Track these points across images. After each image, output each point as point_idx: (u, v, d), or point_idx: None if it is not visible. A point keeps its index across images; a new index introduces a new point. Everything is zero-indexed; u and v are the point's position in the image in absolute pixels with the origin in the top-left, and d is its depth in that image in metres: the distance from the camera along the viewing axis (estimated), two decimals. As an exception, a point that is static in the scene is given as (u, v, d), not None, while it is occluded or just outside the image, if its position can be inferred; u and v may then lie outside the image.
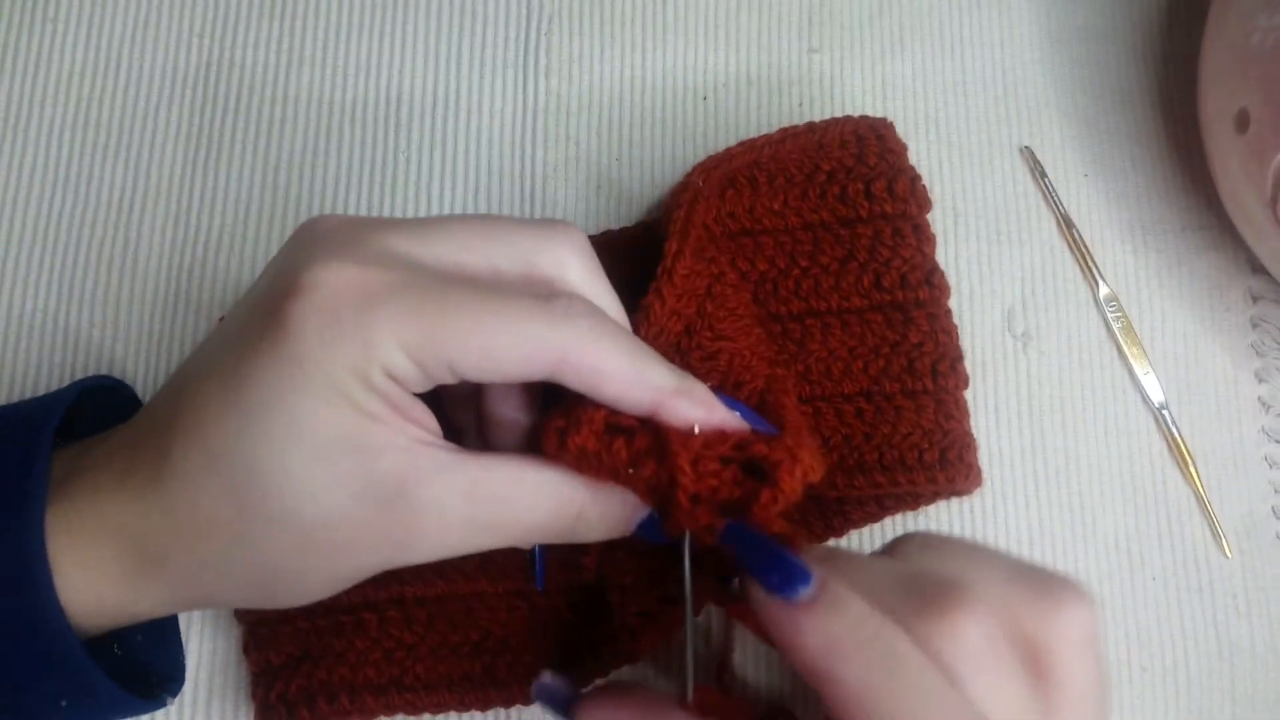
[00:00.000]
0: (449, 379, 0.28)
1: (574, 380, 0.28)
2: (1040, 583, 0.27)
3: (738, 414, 0.29)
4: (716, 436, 0.28)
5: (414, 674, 0.36)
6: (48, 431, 0.30)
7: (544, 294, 0.28)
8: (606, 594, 0.36)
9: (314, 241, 0.28)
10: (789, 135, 0.39)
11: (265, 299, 0.27)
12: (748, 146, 0.39)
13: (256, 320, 0.27)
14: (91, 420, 0.34)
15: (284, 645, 0.36)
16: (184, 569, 0.29)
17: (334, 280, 0.26)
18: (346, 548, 0.28)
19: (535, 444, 0.29)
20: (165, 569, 0.29)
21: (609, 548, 0.35)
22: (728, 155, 0.38)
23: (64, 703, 0.29)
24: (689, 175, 0.37)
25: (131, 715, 0.31)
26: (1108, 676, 0.27)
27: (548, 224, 0.30)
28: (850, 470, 0.36)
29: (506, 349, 0.27)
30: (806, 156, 0.39)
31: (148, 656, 0.35)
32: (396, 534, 0.28)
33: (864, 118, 0.40)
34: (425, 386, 0.28)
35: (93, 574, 0.29)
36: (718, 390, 0.30)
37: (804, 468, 0.28)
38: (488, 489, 0.28)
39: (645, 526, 0.30)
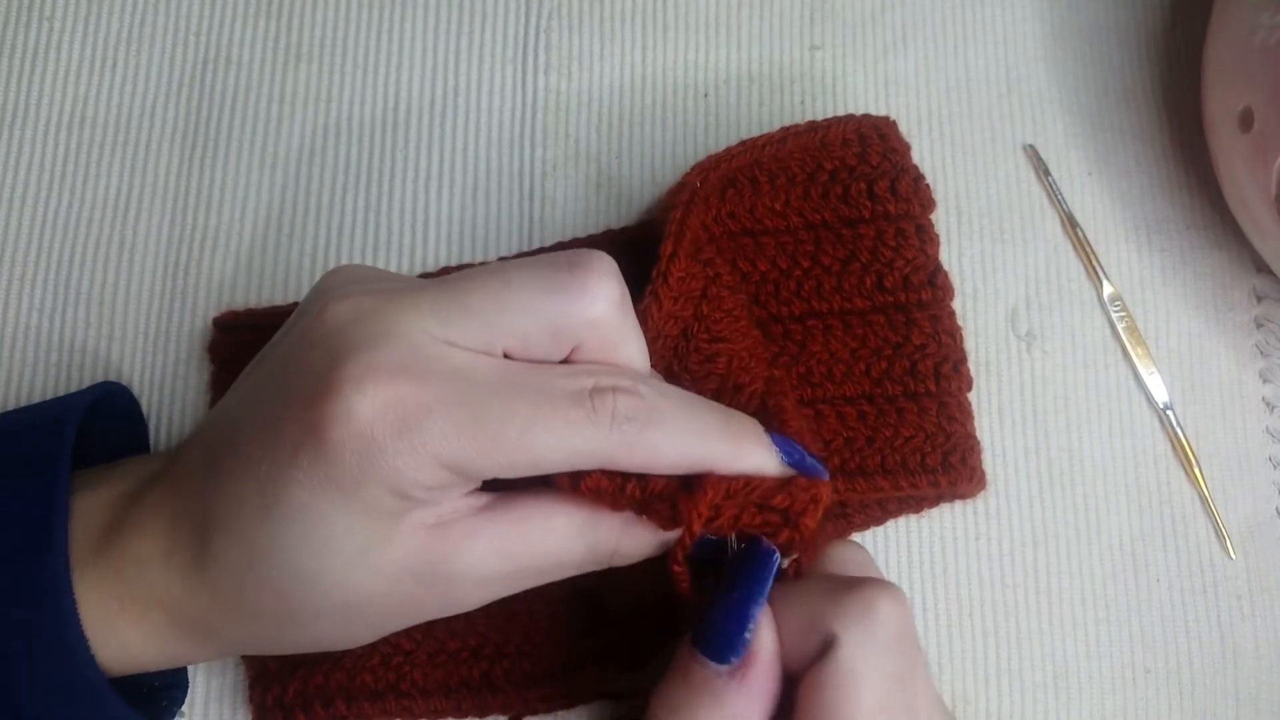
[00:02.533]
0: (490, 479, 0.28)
1: (626, 469, 0.28)
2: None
3: (778, 454, 0.30)
4: (740, 485, 0.28)
5: (411, 680, 0.35)
6: (64, 462, 0.30)
7: (587, 388, 0.28)
8: (604, 601, 0.36)
9: (345, 329, 0.27)
10: (790, 134, 0.39)
11: (300, 397, 0.27)
12: (748, 146, 0.38)
13: (291, 422, 0.27)
14: (95, 420, 0.34)
15: None
16: (236, 639, 0.31)
17: (369, 405, 0.26)
18: (392, 617, 0.30)
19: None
20: (217, 638, 0.31)
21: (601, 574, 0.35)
22: (728, 155, 0.38)
23: None
24: (687, 175, 0.37)
25: None
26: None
27: (570, 279, 0.28)
28: (852, 473, 0.36)
29: (554, 463, 0.27)
30: (808, 156, 0.38)
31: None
32: (439, 600, 0.30)
33: (866, 116, 0.39)
34: (468, 489, 0.29)
35: (147, 635, 0.30)
36: (770, 431, 0.30)
37: (824, 505, 0.29)
38: (522, 545, 0.29)
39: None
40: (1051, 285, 0.42)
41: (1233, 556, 0.40)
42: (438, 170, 0.42)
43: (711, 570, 0.30)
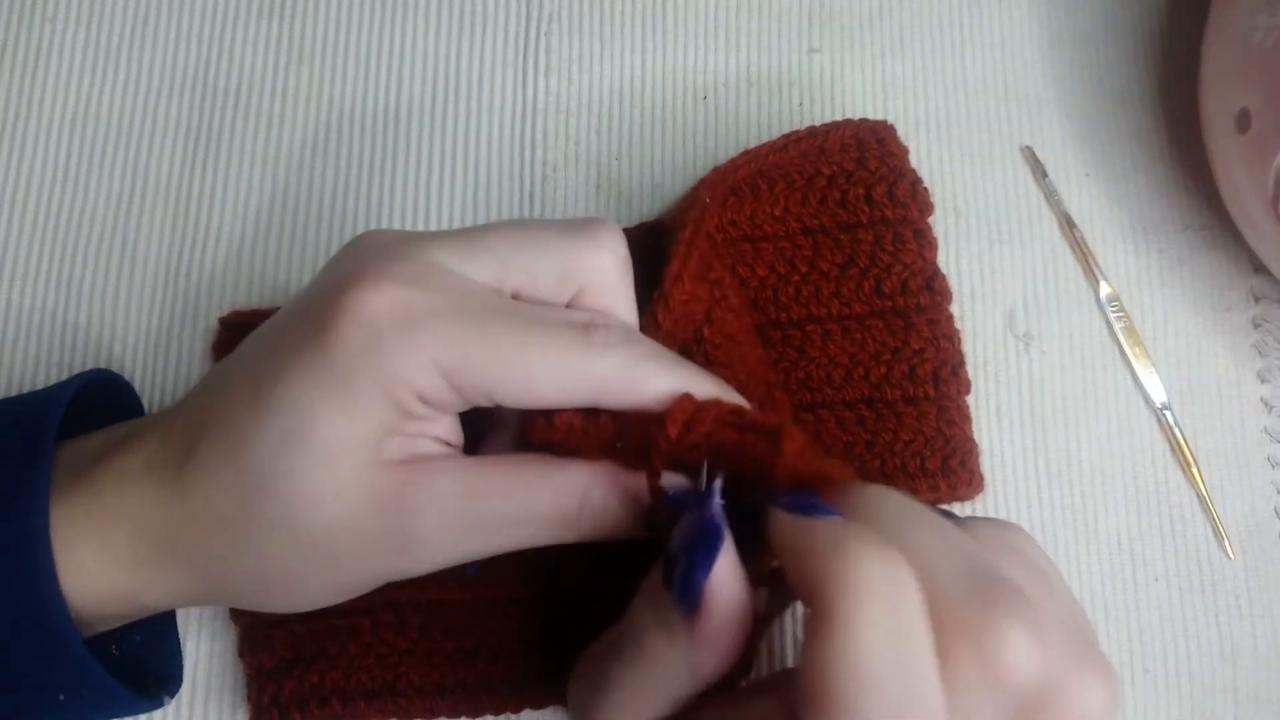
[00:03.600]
0: (484, 404, 0.28)
1: (613, 405, 0.28)
2: (1089, 655, 0.24)
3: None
4: (713, 402, 0.28)
5: (407, 680, 0.35)
6: (52, 422, 0.30)
7: (581, 321, 0.29)
8: (596, 603, 0.36)
9: (362, 255, 0.29)
10: (792, 141, 0.39)
11: (311, 307, 0.28)
12: (752, 156, 0.38)
13: (300, 326, 0.28)
14: (94, 415, 0.34)
15: (278, 648, 0.36)
16: (191, 561, 0.29)
17: (378, 299, 0.27)
18: (347, 556, 0.29)
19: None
20: (173, 559, 0.29)
21: (600, 558, 0.34)
22: (733, 167, 0.38)
23: (61, 696, 0.29)
24: (698, 190, 0.37)
25: (130, 713, 0.31)
26: None
27: (584, 228, 0.31)
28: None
29: (546, 382, 0.28)
30: (807, 161, 0.39)
31: (146, 656, 0.35)
32: (396, 540, 0.28)
33: (864, 121, 0.39)
34: (459, 409, 0.29)
35: (104, 558, 0.29)
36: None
37: (797, 447, 0.27)
38: (484, 480, 0.29)
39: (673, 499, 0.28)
40: (1049, 286, 0.42)
41: (1231, 556, 0.40)
42: (438, 171, 0.42)
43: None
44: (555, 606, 0.36)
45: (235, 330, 0.39)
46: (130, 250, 0.41)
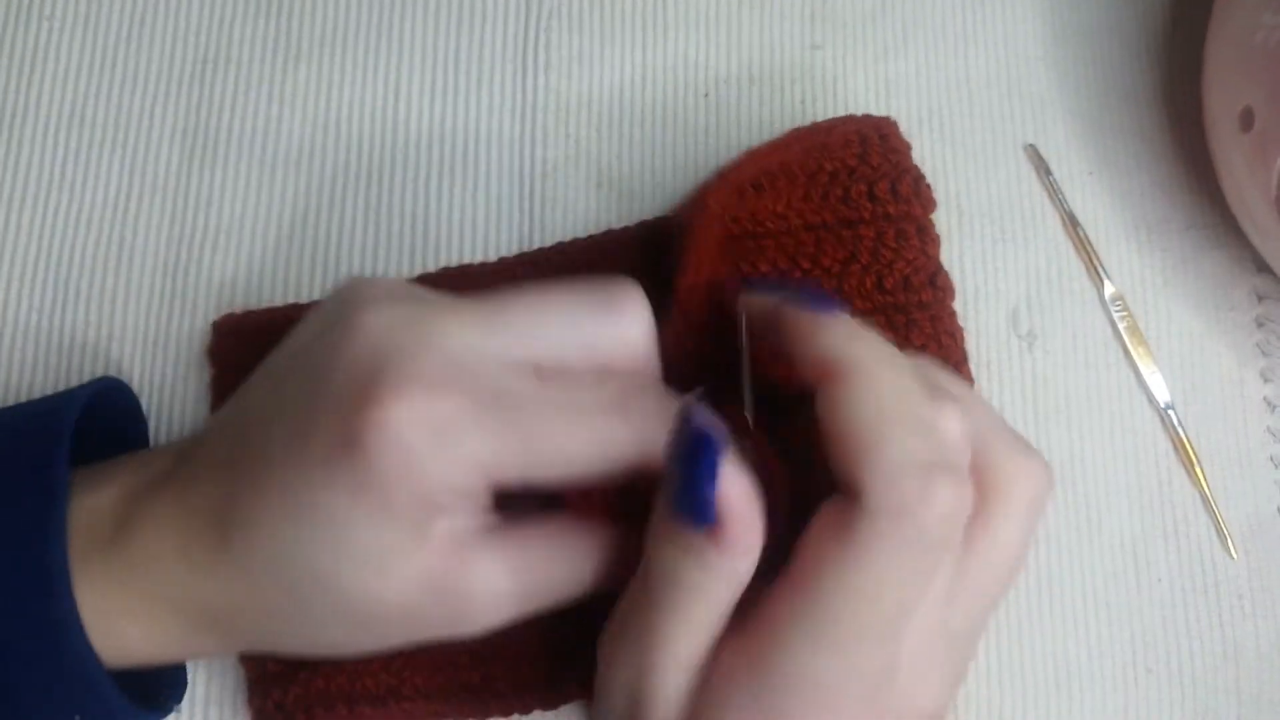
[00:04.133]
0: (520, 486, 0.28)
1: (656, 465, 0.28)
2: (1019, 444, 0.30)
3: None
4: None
5: (412, 684, 0.35)
6: (63, 446, 0.30)
7: (617, 401, 0.28)
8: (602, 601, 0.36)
9: (384, 337, 0.28)
10: (795, 139, 0.38)
11: (336, 403, 0.27)
12: (753, 156, 0.38)
13: (325, 434, 0.27)
14: (96, 421, 0.34)
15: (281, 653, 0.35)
16: (243, 634, 0.31)
17: (407, 413, 0.26)
18: (401, 631, 0.30)
19: None
20: (224, 634, 0.31)
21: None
22: (737, 167, 0.38)
23: (76, 717, 0.30)
24: (703, 193, 0.37)
25: None
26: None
27: (608, 300, 0.30)
28: None
29: (583, 458, 0.28)
30: (809, 157, 0.38)
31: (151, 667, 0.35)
32: (451, 616, 0.29)
33: (867, 117, 0.39)
34: (486, 498, 0.29)
35: (152, 633, 0.30)
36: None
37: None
38: (532, 561, 0.30)
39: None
40: (1052, 285, 0.42)
41: (1234, 556, 0.40)
42: (438, 169, 0.42)
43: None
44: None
45: (229, 334, 0.39)
46: (127, 251, 0.41)
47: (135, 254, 0.41)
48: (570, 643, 0.36)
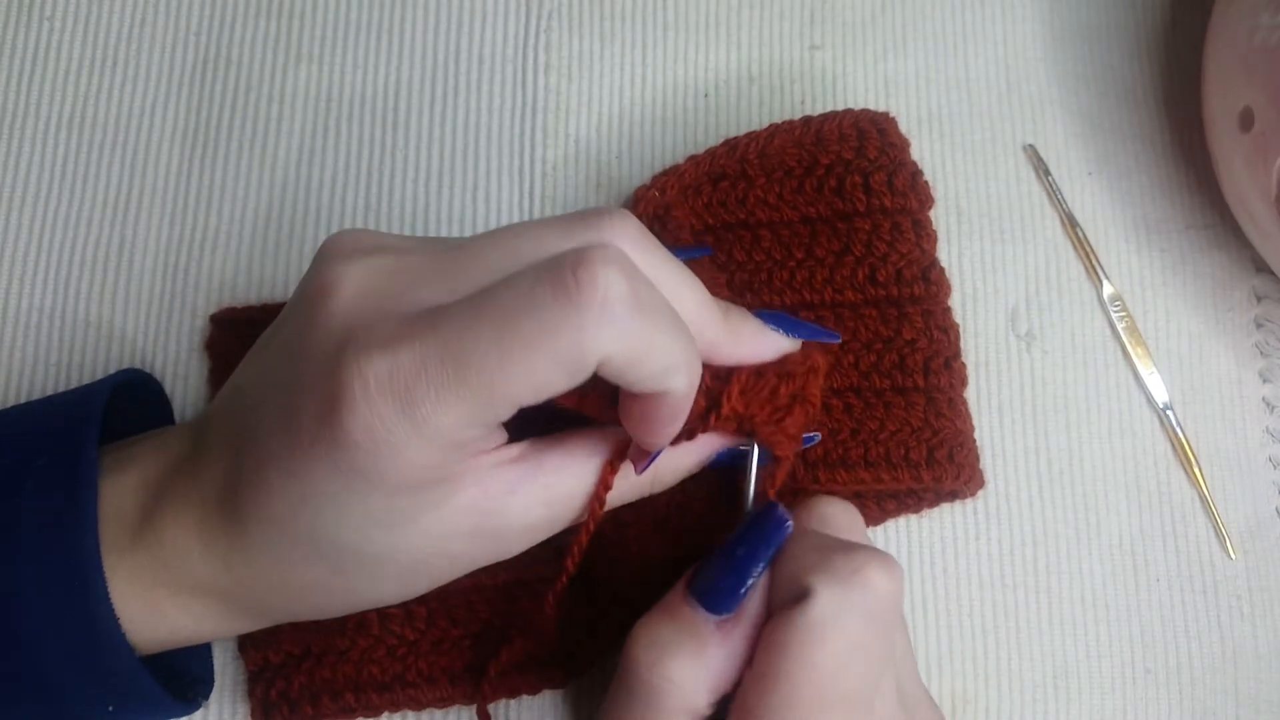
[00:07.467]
0: (514, 413, 0.27)
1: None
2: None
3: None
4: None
5: (417, 670, 0.36)
6: (93, 432, 0.31)
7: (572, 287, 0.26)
8: (602, 578, 0.36)
9: (345, 312, 0.27)
10: (779, 130, 0.39)
11: (310, 384, 0.27)
12: (731, 145, 0.39)
13: (307, 418, 0.27)
14: (122, 409, 0.35)
15: (283, 644, 0.36)
16: (282, 612, 0.32)
17: (371, 384, 0.25)
18: (444, 570, 0.31)
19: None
20: (268, 612, 0.32)
21: (601, 539, 0.35)
22: (710, 155, 0.38)
23: (111, 708, 0.30)
24: (668, 174, 0.39)
25: (172, 717, 0.33)
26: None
27: (587, 222, 0.28)
28: (834, 465, 0.36)
29: (552, 382, 0.26)
30: (804, 150, 0.38)
31: (179, 659, 0.35)
32: (487, 549, 0.30)
33: (865, 110, 0.39)
34: (493, 428, 0.28)
35: (201, 620, 0.31)
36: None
37: (823, 372, 0.33)
38: (560, 490, 0.30)
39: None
40: (1051, 285, 0.42)
41: (1233, 556, 0.40)
42: (438, 169, 0.42)
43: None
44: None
45: (227, 327, 0.39)
46: (128, 251, 0.41)
47: (135, 253, 0.41)
48: (572, 622, 0.36)
